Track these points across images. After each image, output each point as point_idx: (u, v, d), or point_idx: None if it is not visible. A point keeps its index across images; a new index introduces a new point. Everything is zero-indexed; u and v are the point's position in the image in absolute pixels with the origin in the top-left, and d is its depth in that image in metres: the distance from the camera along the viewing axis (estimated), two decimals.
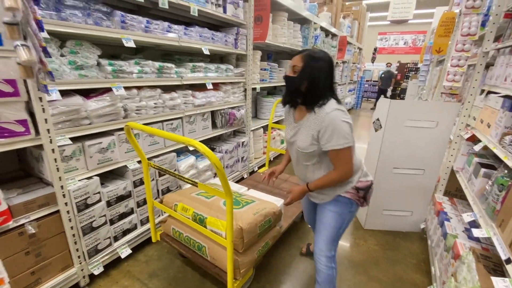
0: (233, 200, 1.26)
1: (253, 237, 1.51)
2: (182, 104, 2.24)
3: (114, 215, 1.85)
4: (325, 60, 1.20)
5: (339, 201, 1.35)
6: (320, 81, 1.19)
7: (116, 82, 1.68)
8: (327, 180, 1.27)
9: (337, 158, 1.21)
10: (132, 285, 1.78)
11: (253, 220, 1.51)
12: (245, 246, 1.46)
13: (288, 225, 2.08)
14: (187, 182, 1.37)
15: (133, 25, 1.74)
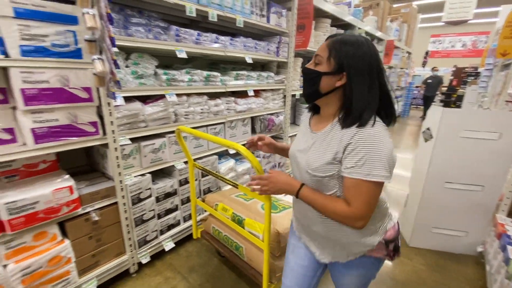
0: (271, 204, 1.30)
1: None
2: (225, 110, 2.37)
3: (161, 210, 2.02)
4: (367, 46, 0.81)
5: (363, 262, 0.97)
6: (360, 78, 0.80)
7: (169, 89, 1.85)
8: (330, 205, 0.83)
9: (358, 192, 0.78)
10: (173, 277, 1.91)
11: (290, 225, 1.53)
12: (281, 251, 1.48)
13: None
14: (228, 184, 1.45)
15: (185, 38, 1.91)
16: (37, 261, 1.41)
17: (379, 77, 0.82)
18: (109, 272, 1.75)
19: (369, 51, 0.81)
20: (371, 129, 0.78)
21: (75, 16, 1.35)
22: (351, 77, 0.81)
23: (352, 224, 0.81)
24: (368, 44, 0.81)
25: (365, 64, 0.80)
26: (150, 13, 1.76)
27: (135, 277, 1.90)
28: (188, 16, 1.86)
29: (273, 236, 1.44)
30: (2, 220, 1.28)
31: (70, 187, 1.47)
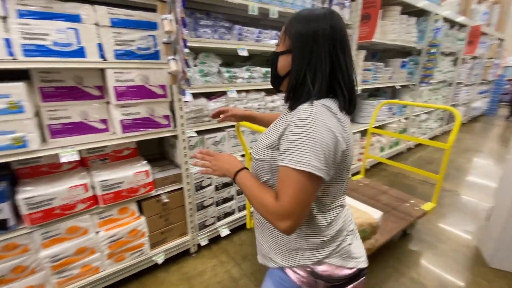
0: None
1: None
2: (281, 106, 2.39)
3: (219, 199, 2.17)
4: (316, 21, 0.68)
5: (277, 276, 0.82)
6: (304, 62, 0.69)
7: (230, 86, 1.96)
8: (259, 195, 0.69)
9: (286, 183, 0.64)
10: (228, 262, 2.04)
11: None
12: None
13: (385, 241, 1.89)
14: None
15: (247, 36, 1.99)
16: (121, 231, 1.68)
17: (331, 56, 0.68)
18: (174, 249, 1.97)
19: (318, 27, 0.67)
20: (306, 110, 0.65)
21: (155, 22, 1.54)
22: (293, 55, 0.71)
23: (275, 223, 0.65)
24: (320, 19, 0.68)
25: (308, 41, 0.68)
26: (216, 14, 1.88)
27: (195, 256, 2.09)
28: (250, 15, 1.93)
29: None
30: (97, 195, 1.56)
31: (147, 171, 1.69)
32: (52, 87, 1.40)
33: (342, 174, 0.74)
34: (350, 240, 0.80)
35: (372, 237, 1.72)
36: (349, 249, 0.79)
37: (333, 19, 0.69)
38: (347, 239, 0.79)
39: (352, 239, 0.81)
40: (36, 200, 1.36)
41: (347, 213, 0.84)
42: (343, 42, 0.70)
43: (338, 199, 0.78)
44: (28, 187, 1.41)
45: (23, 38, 1.22)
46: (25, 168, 1.50)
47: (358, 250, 0.81)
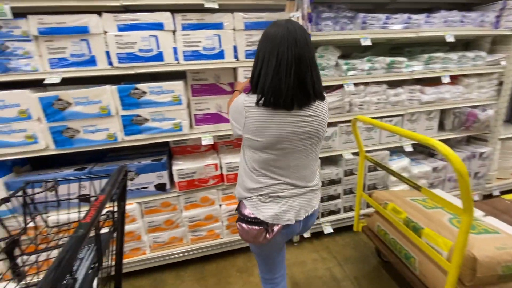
0: (471, 221, 1.03)
1: (490, 276, 1.16)
2: (406, 100, 2.08)
3: (324, 195, 2.14)
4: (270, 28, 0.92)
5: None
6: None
7: (347, 79, 1.87)
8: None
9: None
10: (329, 259, 2.01)
11: (495, 255, 1.16)
12: (475, 281, 1.16)
13: None
14: (409, 184, 1.30)
15: (372, 24, 1.83)
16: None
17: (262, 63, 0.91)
18: None
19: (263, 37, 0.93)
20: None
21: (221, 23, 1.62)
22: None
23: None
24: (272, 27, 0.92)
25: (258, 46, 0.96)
26: (338, 5, 1.81)
27: (297, 246, 2.17)
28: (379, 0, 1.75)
29: (466, 260, 1.15)
30: (223, 174, 1.85)
31: None
32: (199, 85, 1.74)
33: (260, 151, 0.97)
34: (261, 201, 1.02)
35: None
36: (258, 204, 1.03)
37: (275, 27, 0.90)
38: (261, 198, 1.03)
39: (264, 201, 1.02)
40: (184, 172, 1.76)
41: (274, 187, 1.01)
42: (266, 56, 0.90)
43: (269, 170, 1.00)
44: (179, 161, 1.84)
45: (184, 46, 1.57)
46: (177, 147, 1.96)
47: (266, 209, 1.02)
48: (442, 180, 2.39)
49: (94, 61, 1.49)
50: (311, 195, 1.08)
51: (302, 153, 0.99)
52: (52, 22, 1.39)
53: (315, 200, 1.11)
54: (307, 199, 1.07)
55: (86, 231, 0.53)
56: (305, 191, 1.05)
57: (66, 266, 0.46)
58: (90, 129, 1.56)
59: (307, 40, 0.89)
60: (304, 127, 0.94)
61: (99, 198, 0.66)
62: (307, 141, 0.97)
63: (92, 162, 1.81)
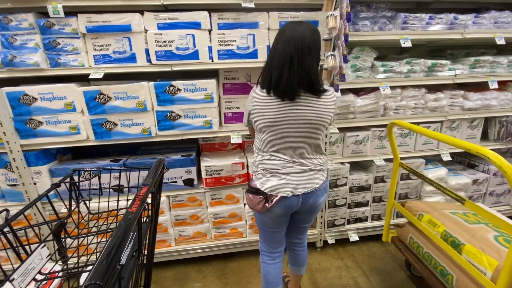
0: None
1: None
2: (447, 106, 1.95)
3: (352, 201, 2.07)
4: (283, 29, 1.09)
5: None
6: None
7: (383, 81, 1.79)
8: None
9: None
10: (354, 268, 1.94)
11: None
12: None
13: None
14: (450, 196, 1.21)
15: (413, 24, 1.73)
16: None
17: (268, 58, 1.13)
18: None
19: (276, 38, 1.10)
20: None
21: (317, 20, 1.60)
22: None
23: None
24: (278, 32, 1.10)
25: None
26: (377, 4, 1.74)
27: (320, 251, 2.12)
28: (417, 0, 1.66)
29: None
30: (249, 173, 1.85)
31: None
32: (230, 83, 1.76)
33: (262, 132, 1.17)
34: (263, 175, 1.21)
35: None
36: (261, 178, 1.21)
37: (286, 28, 1.06)
38: (263, 173, 1.21)
39: (266, 176, 1.20)
40: (212, 169, 1.78)
41: (273, 163, 1.18)
42: (281, 44, 1.05)
43: (268, 149, 1.19)
44: (207, 158, 1.87)
45: (219, 45, 1.59)
46: (206, 144, 1.99)
47: (266, 182, 1.19)
48: (482, 194, 2.21)
49: (135, 58, 1.55)
50: (311, 174, 1.19)
51: (297, 136, 1.13)
52: (99, 21, 1.48)
53: (317, 180, 1.21)
54: (306, 177, 1.18)
55: (134, 219, 0.55)
56: (303, 169, 1.18)
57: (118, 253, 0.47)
58: (127, 123, 1.63)
59: (312, 42, 1.03)
60: (296, 115, 1.09)
61: (143, 189, 0.68)
62: (300, 127, 1.12)
63: (125, 154, 1.90)
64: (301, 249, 1.48)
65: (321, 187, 1.22)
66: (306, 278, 1.86)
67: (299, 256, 1.49)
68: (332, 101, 1.14)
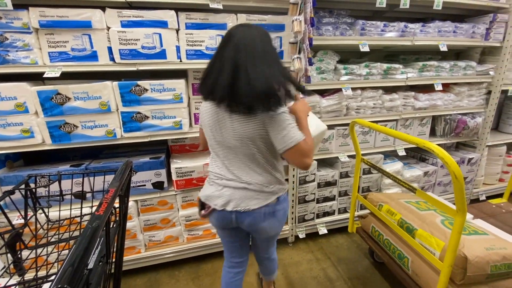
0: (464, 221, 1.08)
1: (479, 275, 1.21)
2: (400, 106, 2.15)
3: (320, 196, 2.18)
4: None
5: None
6: None
7: (345, 83, 1.92)
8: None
9: None
10: (324, 260, 2.04)
11: (484, 255, 1.21)
12: (465, 280, 1.21)
13: None
14: (404, 187, 1.34)
15: (370, 31, 1.88)
16: None
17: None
18: None
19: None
20: None
21: (283, 24, 1.67)
22: None
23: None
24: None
25: None
26: (339, 11, 1.86)
27: (291, 247, 2.19)
28: (377, 8, 1.81)
29: (458, 260, 1.20)
30: None
31: None
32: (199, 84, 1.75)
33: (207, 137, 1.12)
34: (208, 181, 1.18)
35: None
36: (206, 183, 1.19)
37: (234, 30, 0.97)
38: (208, 179, 1.18)
39: (208, 182, 1.17)
40: (183, 171, 1.75)
41: (214, 170, 1.13)
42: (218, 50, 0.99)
43: (212, 153, 1.15)
44: (177, 159, 1.83)
45: (187, 45, 1.58)
46: (176, 146, 1.95)
47: (205, 189, 1.16)
48: (432, 184, 2.46)
49: (96, 56, 1.47)
50: (247, 193, 1.06)
51: (228, 149, 1.05)
52: (54, 15, 1.37)
53: (254, 202, 1.06)
54: (240, 194, 1.07)
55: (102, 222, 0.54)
56: (238, 186, 1.06)
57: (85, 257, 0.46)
58: (89, 125, 1.54)
59: (251, 46, 0.91)
60: (223, 125, 1.01)
61: (110, 191, 0.66)
62: (230, 141, 1.02)
63: (87, 158, 1.79)
64: (269, 262, 1.42)
65: (259, 210, 1.07)
66: (279, 273, 1.91)
67: (267, 268, 1.45)
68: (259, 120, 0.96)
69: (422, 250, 1.31)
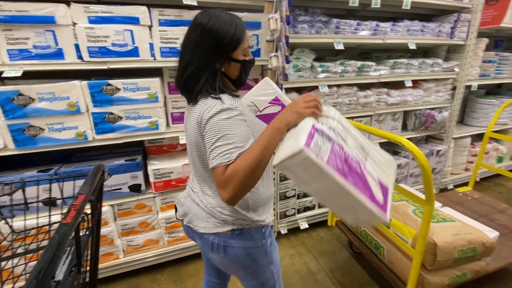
0: (432, 210, 1.15)
1: (448, 259, 1.30)
2: (374, 102, 2.23)
3: (300, 192, 2.22)
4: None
5: None
6: None
7: (322, 81, 1.96)
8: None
9: None
10: (306, 254, 2.08)
11: (452, 241, 1.30)
12: (435, 265, 1.29)
13: (499, 268, 1.57)
14: None
15: (344, 29, 1.93)
16: None
17: None
18: None
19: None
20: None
21: (259, 22, 1.67)
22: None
23: None
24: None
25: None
26: (314, 9, 1.89)
27: None
28: (351, 7, 1.86)
29: (428, 247, 1.28)
30: None
31: None
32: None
33: None
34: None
35: (483, 259, 1.45)
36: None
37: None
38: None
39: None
40: (160, 172, 1.71)
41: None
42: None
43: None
44: (154, 161, 1.78)
45: (161, 42, 1.53)
46: (153, 146, 1.89)
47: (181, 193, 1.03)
48: (405, 176, 2.59)
49: (62, 54, 1.39)
50: (200, 211, 0.89)
51: (189, 149, 0.89)
52: (12, 10, 1.27)
53: (203, 224, 0.88)
54: (194, 210, 0.91)
55: (69, 231, 0.51)
56: (194, 200, 0.91)
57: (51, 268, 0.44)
58: (57, 127, 1.45)
59: (202, 31, 0.78)
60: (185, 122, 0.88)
61: (79, 198, 0.63)
62: (187, 139, 0.88)
63: (57, 163, 1.68)
64: None
65: (207, 237, 0.88)
66: None
67: None
68: (195, 117, 0.78)
69: (396, 239, 1.37)
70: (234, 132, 0.73)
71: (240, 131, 0.74)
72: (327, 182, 0.59)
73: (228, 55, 0.82)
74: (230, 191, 0.69)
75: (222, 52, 0.80)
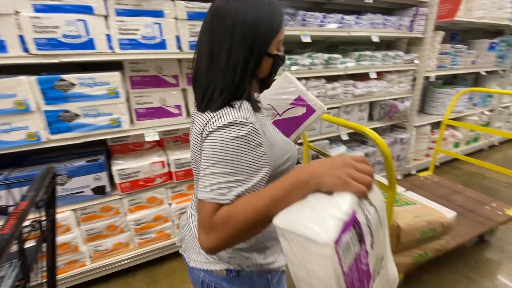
0: (395, 195, 1.21)
1: (410, 240, 1.39)
2: (342, 94, 2.29)
3: None
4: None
5: None
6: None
7: (292, 74, 1.96)
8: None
9: None
10: None
11: (414, 223, 1.39)
12: (400, 247, 1.37)
13: (457, 245, 1.71)
14: None
15: (311, 21, 1.95)
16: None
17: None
18: None
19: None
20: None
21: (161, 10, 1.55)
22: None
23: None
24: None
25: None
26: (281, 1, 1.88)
27: None
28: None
29: (392, 230, 1.35)
30: (171, 171, 1.77)
31: None
32: (139, 76, 1.61)
33: None
34: None
35: (443, 238, 1.58)
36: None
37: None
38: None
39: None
40: (126, 172, 1.62)
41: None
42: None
43: None
44: (119, 161, 1.68)
45: (119, 33, 1.43)
46: (117, 145, 1.79)
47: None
48: (372, 164, 2.72)
49: (4, 46, 1.24)
50: (195, 242, 0.73)
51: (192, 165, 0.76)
52: None
53: (194, 256, 0.73)
54: (189, 237, 0.77)
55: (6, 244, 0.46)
56: (191, 226, 0.77)
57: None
58: (3, 128, 1.31)
59: (227, 18, 0.58)
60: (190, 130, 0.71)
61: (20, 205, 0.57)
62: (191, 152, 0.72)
63: (7, 167, 1.53)
64: None
65: (197, 272, 0.72)
66: None
67: None
68: (200, 126, 0.61)
69: None
70: (240, 159, 0.54)
71: (249, 159, 0.55)
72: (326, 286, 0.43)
73: (264, 49, 0.62)
74: (214, 239, 0.51)
75: (259, 45, 0.61)
